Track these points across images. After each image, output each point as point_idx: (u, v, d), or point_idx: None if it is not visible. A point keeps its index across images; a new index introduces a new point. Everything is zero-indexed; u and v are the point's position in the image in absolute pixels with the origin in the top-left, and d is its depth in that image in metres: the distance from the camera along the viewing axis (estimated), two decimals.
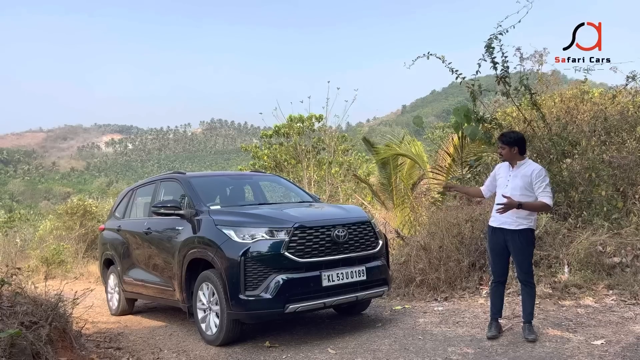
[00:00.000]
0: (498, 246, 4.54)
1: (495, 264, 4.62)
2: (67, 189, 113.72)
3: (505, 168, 4.60)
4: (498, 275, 4.62)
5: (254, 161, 17.80)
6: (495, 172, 4.70)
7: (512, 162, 4.52)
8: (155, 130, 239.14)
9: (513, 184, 4.45)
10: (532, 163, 4.53)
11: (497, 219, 4.52)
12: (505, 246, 4.51)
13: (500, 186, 4.57)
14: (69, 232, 16.49)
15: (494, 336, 4.50)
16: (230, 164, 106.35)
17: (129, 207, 7.50)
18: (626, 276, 5.51)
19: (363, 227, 5.29)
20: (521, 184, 4.43)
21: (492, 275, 4.68)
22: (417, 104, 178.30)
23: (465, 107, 7.72)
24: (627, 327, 4.44)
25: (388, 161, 10.92)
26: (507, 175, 4.54)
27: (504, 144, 4.49)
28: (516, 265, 4.53)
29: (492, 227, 4.59)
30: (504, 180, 4.54)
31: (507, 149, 4.48)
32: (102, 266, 7.98)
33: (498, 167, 4.72)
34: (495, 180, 4.69)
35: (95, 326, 6.50)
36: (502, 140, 4.54)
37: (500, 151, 4.56)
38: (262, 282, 4.67)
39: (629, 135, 7.09)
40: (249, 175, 7.42)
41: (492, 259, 4.66)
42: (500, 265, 4.60)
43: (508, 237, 4.46)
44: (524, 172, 4.45)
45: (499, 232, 4.52)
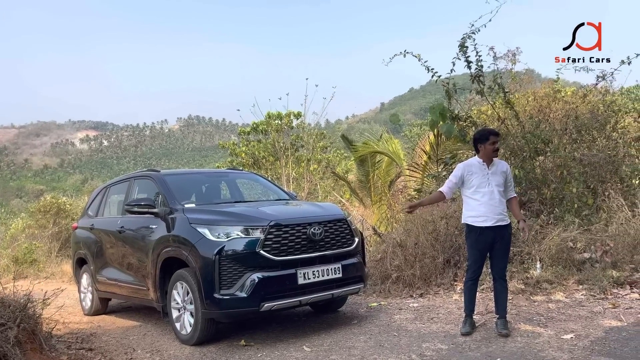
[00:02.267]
0: (485, 245, 4.47)
1: (476, 262, 4.56)
2: (40, 187, 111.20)
3: (478, 167, 4.52)
4: (477, 273, 4.61)
5: (232, 158, 17.68)
6: (464, 172, 4.54)
7: (490, 159, 4.53)
8: (131, 127, 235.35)
9: (495, 181, 4.46)
10: (499, 160, 4.64)
11: (490, 218, 4.42)
12: (490, 244, 4.47)
13: (480, 185, 4.46)
14: (42, 230, 16.15)
15: (468, 332, 4.55)
16: (208, 161, 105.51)
17: (102, 205, 7.38)
18: (595, 271, 5.63)
19: (339, 224, 5.30)
20: (501, 180, 4.50)
21: (472, 273, 4.59)
22: (396, 102, 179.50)
23: (441, 105, 7.79)
24: (596, 322, 4.54)
25: (366, 159, 10.98)
26: (484, 173, 4.48)
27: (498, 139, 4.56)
28: (498, 261, 4.52)
29: (483, 227, 4.44)
30: (481, 178, 4.47)
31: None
32: (74, 265, 7.84)
33: (465, 166, 4.58)
34: (462, 180, 4.56)
35: (67, 327, 6.38)
36: (498, 135, 4.58)
37: (497, 146, 4.51)
38: (237, 280, 4.64)
39: (599, 133, 7.25)
40: (225, 173, 7.36)
41: (475, 258, 4.56)
42: (480, 263, 4.59)
43: (498, 234, 4.44)
44: (499, 169, 4.52)
45: (488, 231, 4.43)
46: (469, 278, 4.64)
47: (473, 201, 4.53)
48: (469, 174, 4.53)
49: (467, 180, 4.56)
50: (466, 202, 4.62)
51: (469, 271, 4.63)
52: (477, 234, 4.49)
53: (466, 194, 4.60)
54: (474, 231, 4.52)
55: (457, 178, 4.59)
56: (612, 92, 8.16)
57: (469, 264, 4.65)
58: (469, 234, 4.58)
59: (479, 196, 4.48)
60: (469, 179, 4.54)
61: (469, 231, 4.59)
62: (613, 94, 8.25)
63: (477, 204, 4.49)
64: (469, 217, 4.56)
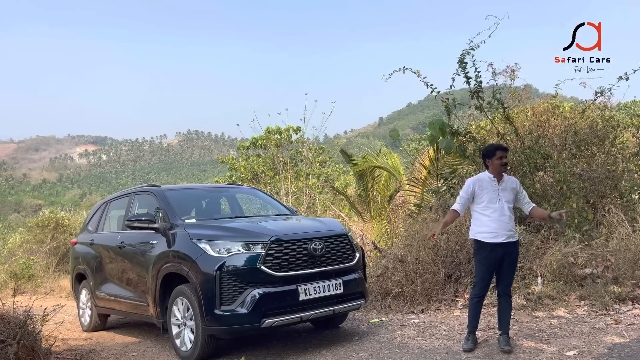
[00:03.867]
0: (494, 261, 4.41)
1: (484, 280, 4.49)
2: (38, 201, 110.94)
3: (488, 182, 4.46)
4: (484, 290, 4.55)
5: (231, 173, 17.70)
6: (474, 188, 4.48)
7: (500, 175, 4.49)
8: (130, 142, 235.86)
9: (505, 197, 4.44)
10: (508, 176, 4.62)
11: (501, 234, 4.37)
12: (500, 260, 4.42)
13: (490, 201, 4.41)
14: (40, 245, 16.07)
15: (470, 349, 4.51)
16: (207, 176, 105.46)
17: (102, 220, 7.36)
18: (597, 287, 5.62)
19: (340, 240, 5.29)
20: (511, 197, 4.49)
21: (478, 290, 4.52)
22: (394, 117, 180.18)
23: (440, 120, 7.84)
24: (599, 338, 4.52)
25: (365, 173, 10.99)
26: (494, 188, 4.44)
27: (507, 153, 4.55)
28: (505, 277, 4.49)
29: (493, 243, 4.38)
30: (492, 194, 4.43)
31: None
32: (73, 281, 7.79)
33: (476, 181, 4.52)
34: (473, 195, 4.51)
35: (66, 343, 6.32)
36: (505, 150, 4.57)
37: (504, 161, 4.48)
38: (238, 296, 4.62)
39: (598, 148, 7.29)
40: (225, 188, 7.37)
41: (483, 275, 4.48)
42: (488, 281, 4.52)
43: (507, 251, 4.40)
44: (509, 185, 4.51)
45: (498, 248, 4.37)
46: (475, 295, 4.55)
47: (483, 217, 4.46)
48: (480, 189, 4.47)
49: (477, 196, 4.49)
50: (476, 217, 4.53)
51: (476, 288, 4.55)
52: (487, 250, 4.41)
53: (476, 210, 4.53)
54: (484, 247, 4.43)
55: (468, 194, 4.52)
56: (610, 107, 8.21)
57: (475, 281, 4.57)
58: (479, 250, 4.48)
59: (490, 212, 4.42)
60: (479, 194, 4.48)
61: (478, 247, 4.49)
62: (611, 109, 8.30)
63: (487, 219, 4.43)
64: (479, 233, 4.47)
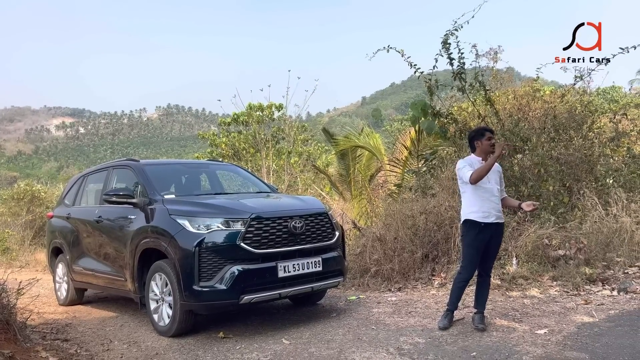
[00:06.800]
0: (483, 243, 4.43)
1: (472, 262, 4.48)
2: (13, 173, 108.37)
3: (477, 164, 4.45)
4: (471, 274, 4.56)
5: (212, 149, 17.53)
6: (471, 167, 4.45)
7: (487, 156, 4.47)
8: (109, 115, 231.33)
9: (494, 179, 4.48)
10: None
11: (492, 215, 4.40)
12: (487, 241, 4.45)
13: (482, 182, 4.40)
14: (15, 218, 15.85)
15: (446, 327, 4.58)
16: (187, 152, 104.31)
17: (80, 194, 7.25)
18: (569, 268, 5.77)
19: (320, 218, 5.31)
20: (497, 178, 4.54)
21: (466, 274, 4.51)
22: (377, 96, 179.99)
23: (423, 101, 7.86)
24: (569, 317, 4.65)
25: (347, 152, 11.01)
26: None
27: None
28: (490, 258, 4.56)
29: (484, 223, 4.40)
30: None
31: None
32: (50, 255, 7.70)
33: (468, 161, 4.52)
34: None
35: (42, 317, 6.28)
36: (492, 131, 4.58)
37: (493, 142, 4.47)
38: (217, 272, 4.62)
39: (575, 133, 7.39)
40: (205, 164, 7.30)
41: (471, 258, 4.47)
42: (476, 264, 4.50)
43: (495, 232, 4.45)
44: (495, 168, 4.53)
45: (486, 229, 4.40)
46: (463, 279, 4.54)
47: (475, 197, 4.46)
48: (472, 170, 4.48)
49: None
50: (467, 198, 4.53)
51: (464, 272, 4.52)
52: (477, 230, 4.41)
53: (467, 191, 4.52)
54: (474, 227, 4.43)
55: (468, 166, 4.47)
56: (589, 92, 8.32)
57: (463, 264, 4.54)
58: (469, 231, 4.47)
59: (481, 192, 4.43)
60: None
61: (468, 228, 4.48)
62: (590, 94, 8.41)
63: (479, 200, 4.44)
64: (471, 213, 4.46)
